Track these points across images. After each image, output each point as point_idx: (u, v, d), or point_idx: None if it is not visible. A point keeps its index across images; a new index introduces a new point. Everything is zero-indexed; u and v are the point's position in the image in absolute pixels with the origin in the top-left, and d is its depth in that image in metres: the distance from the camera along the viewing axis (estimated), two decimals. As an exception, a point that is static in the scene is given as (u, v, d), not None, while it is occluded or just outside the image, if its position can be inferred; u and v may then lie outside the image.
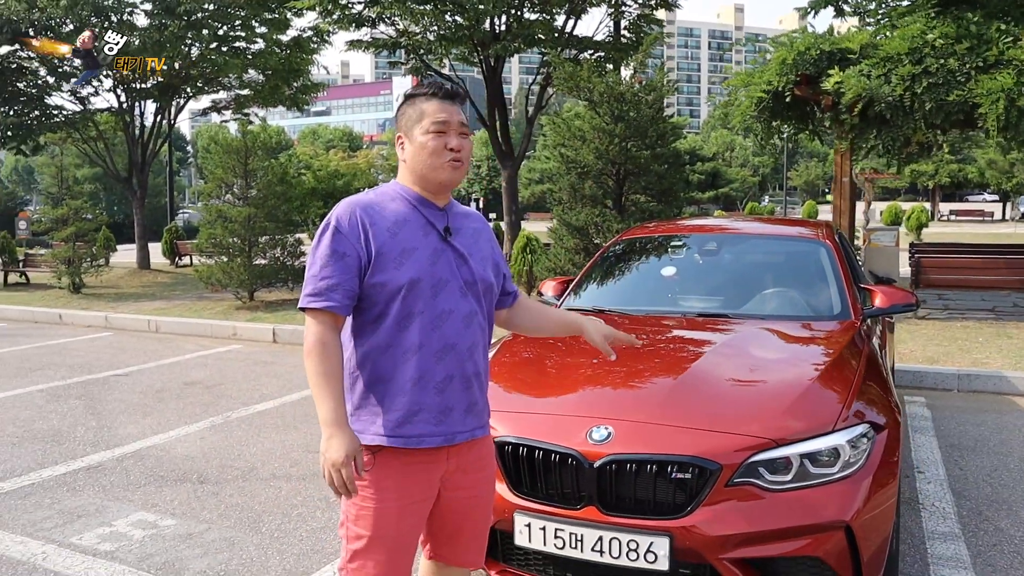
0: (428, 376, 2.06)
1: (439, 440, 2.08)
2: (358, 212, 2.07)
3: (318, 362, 2.02)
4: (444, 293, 2.08)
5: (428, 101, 2.13)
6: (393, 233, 2.06)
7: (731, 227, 5.14)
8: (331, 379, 2.02)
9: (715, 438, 2.72)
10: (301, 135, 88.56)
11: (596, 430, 2.80)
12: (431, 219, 2.13)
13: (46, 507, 4.52)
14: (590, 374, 3.25)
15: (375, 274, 2.04)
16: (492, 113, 15.27)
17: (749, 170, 60.71)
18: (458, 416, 2.11)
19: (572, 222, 9.80)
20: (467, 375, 2.11)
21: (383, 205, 2.11)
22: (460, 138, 2.12)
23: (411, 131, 2.13)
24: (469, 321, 2.12)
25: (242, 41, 18.87)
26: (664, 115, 10.04)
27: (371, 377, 2.08)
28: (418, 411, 2.06)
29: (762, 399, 2.99)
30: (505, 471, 2.92)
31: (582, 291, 4.63)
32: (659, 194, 10.15)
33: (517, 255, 12.33)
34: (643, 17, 14.90)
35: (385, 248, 2.04)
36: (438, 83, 2.16)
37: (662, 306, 4.25)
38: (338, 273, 2.03)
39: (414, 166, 2.12)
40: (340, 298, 2.03)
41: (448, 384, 2.08)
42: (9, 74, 16.83)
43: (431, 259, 2.08)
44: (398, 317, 2.05)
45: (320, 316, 2.04)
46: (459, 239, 2.16)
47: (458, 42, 14.18)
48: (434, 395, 2.07)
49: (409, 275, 2.04)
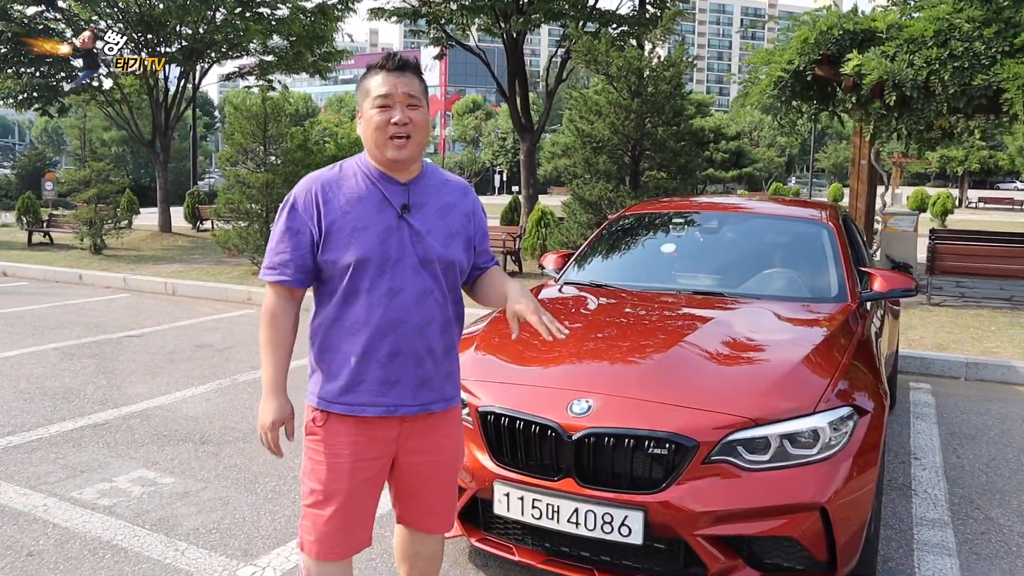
0: (372, 351, 2.10)
1: (381, 410, 2.13)
2: (315, 189, 2.12)
3: (265, 330, 2.19)
4: (395, 271, 2.09)
5: (375, 75, 2.11)
6: (345, 211, 2.09)
7: (735, 206, 5.11)
8: (276, 347, 2.17)
9: (693, 415, 2.73)
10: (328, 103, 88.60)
11: (577, 403, 2.82)
12: (388, 195, 2.12)
13: (51, 461, 4.63)
14: (578, 347, 3.27)
15: (325, 252, 2.10)
16: (512, 86, 15.18)
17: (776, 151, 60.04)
18: (405, 390, 2.13)
19: (585, 197, 9.76)
20: (417, 352, 2.13)
21: (342, 181, 2.14)
22: (409, 110, 2.08)
23: (362, 106, 2.13)
24: (423, 299, 2.12)
25: (266, 7, 18.84)
26: (682, 91, 9.94)
27: (322, 345, 2.17)
28: (360, 382, 2.12)
29: (744, 378, 2.99)
30: (487, 440, 2.95)
31: (582, 265, 4.63)
32: (676, 171, 10.07)
33: (531, 228, 12.32)
34: (669, -8, 14.73)
35: (335, 226, 2.08)
36: (389, 54, 2.12)
37: (660, 283, 4.24)
38: (291, 249, 2.12)
39: (365, 142, 2.13)
40: (292, 272, 2.12)
41: (392, 359, 2.11)
42: (36, 35, 16.92)
43: (382, 237, 2.09)
44: (345, 293, 2.11)
45: (274, 288, 2.17)
46: (418, 215, 2.14)
47: (479, 11, 14.07)
48: (376, 369, 2.11)
49: (356, 254, 2.07)
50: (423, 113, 2.12)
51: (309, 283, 2.18)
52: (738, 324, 3.52)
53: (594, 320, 3.69)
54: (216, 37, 18.56)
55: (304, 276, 2.14)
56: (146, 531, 3.69)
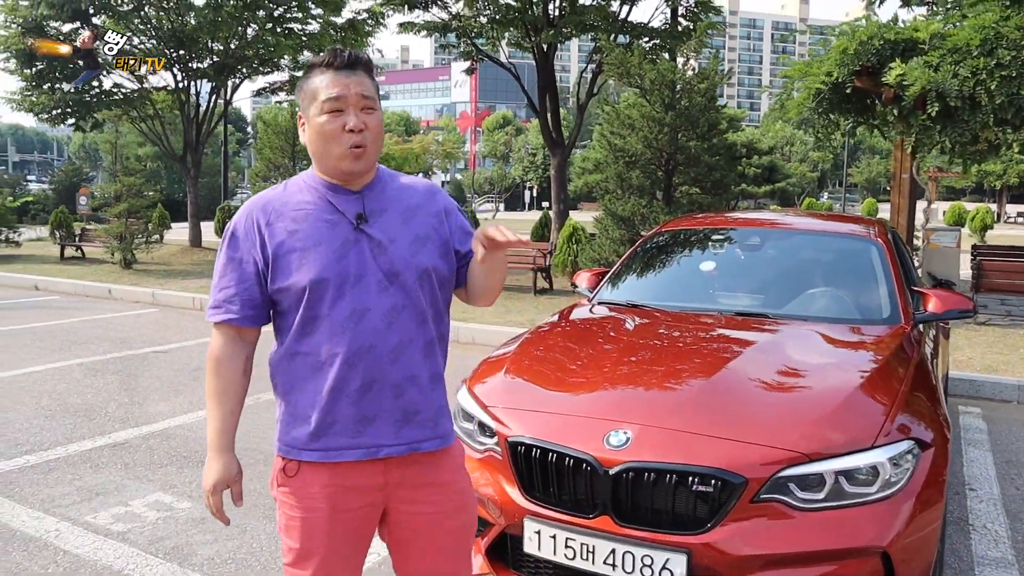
0: (340, 385, 1.81)
1: (358, 454, 1.83)
2: (254, 213, 1.87)
3: (209, 378, 1.91)
4: (357, 290, 1.81)
5: (322, 74, 1.82)
6: (292, 231, 1.83)
7: (777, 222, 4.88)
8: (220, 398, 1.90)
9: (741, 449, 2.51)
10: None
11: (614, 434, 2.61)
12: (340, 207, 1.85)
13: (67, 483, 4.51)
14: (614, 371, 3.06)
15: (275, 280, 1.83)
16: (543, 100, 15.03)
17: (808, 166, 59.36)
18: (384, 428, 1.83)
19: (618, 212, 9.56)
20: (394, 381, 1.83)
21: (287, 199, 1.88)
22: (363, 114, 1.81)
23: (307, 111, 1.84)
24: (393, 317, 1.83)
25: (297, 23, 18.95)
26: (717, 104, 9.72)
27: (284, 385, 1.89)
28: (332, 423, 1.83)
29: (796, 408, 2.76)
30: (517, 473, 2.76)
31: (616, 284, 4.43)
32: (710, 186, 9.84)
33: (562, 245, 12.13)
34: (700, 4, 14.50)
35: (283, 250, 1.82)
36: (336, 50, 1.84)
37: (699, 303, 4.02)
38: (235, 282, 1.86)
39: (314, 151, 1.85)
40: (238, 309, 1.86)
41: (366, 392, 1.81)
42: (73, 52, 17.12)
43: (338, 254, 1.81)
44: (302, 322, 1.83)
45: (220, 328, 1.90)
46: (378, 224, 1.85)
47: (510, 25, 13.96)
48: (348, 405, 1.81)
49: (309, 276, 1.79)
50: (378, 117, 1.85)
51: (261, 320, 1.90)
52: (785, 348, 3.30)
53: (630, 342, 3.48)
54: (247, 53, 18.68)
55: (254, 312, 1.87)
56: (159, 560, 3.54)
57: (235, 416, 1.93)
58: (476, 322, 9.57)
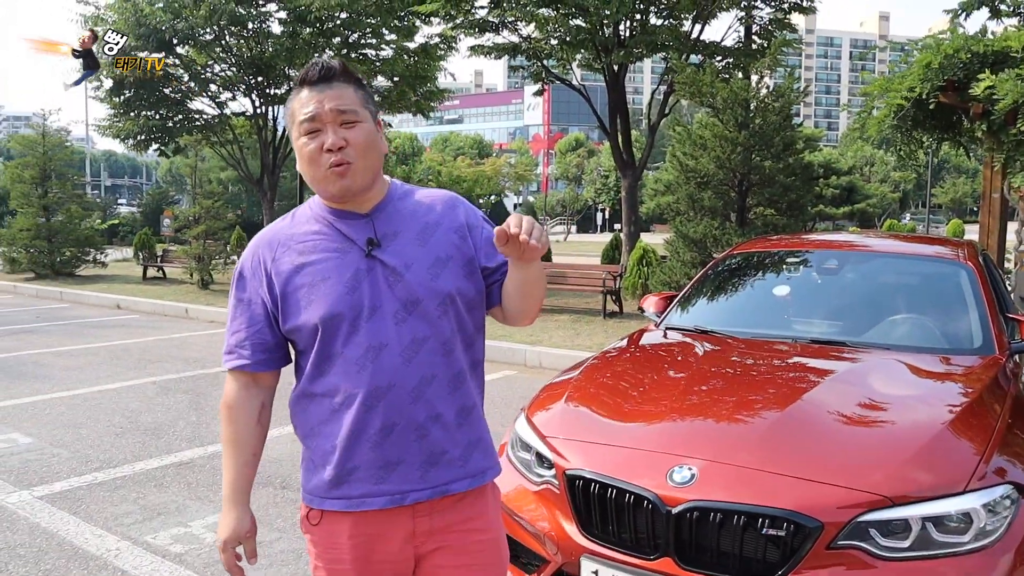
0: (359, 429, 1.67)
1: (382, 501, 1.68)
2: (260, 250, 1.75)
3: (223, 427, 1.81)
4: (372, 323, 1.66)
5: (298, 93, 1.69)
6: (299, 266, 1.70)
7: (856, 244, 4.62)
8: (232, 448, 1.79)
9: (817, 490, 2.31)
10: (433, 142, 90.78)
11: (678, 470, 2.45)
12: (349, 234, 1.70)
13: (131, 501, 4.55)
14: (680, 402, 2.90)
15: (286, 320, 1.71)
16: (613, 121, 14.90)
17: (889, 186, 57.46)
18: (411, 471, 1.68)
19: (689, 234, 9.33)
20: (417, 422, 1.67)
21: (294, 231, 1.75)
22: (343, 130, 1.65)
23: (291, 134, 1.71)
24: (414, 351, 1.66)
25: (371, 48, 19.30)
26: (792, 123, 9.42)
27: (302, 429, 1.77)
28: (353, 469, 1.69)
29: (878, 446, 2.55)
30: (575, 509, 2.61)
31: (685, 308, 4.25)
32: (785, 207, 9.52)
33: (632, 267, 11.92)
34: (775, 22, 14.19)
35: (290, 287, 1.70)
36: (310, 64, 1.69)
37: (772, 329, 3.81)
38: (245, 325, 1.76)
39: (304, 177, 1.72)
40: (250, 354, 1.75)
41: (387, 435, 1.66)
42: (156, 80, 17.81)
43: (349, 285, 1.66)
44: (317, 361, 1.70)
45: (233, 375, 1.80)
46: (391, 248, 1.69)
47: (580, 46, 13.91)
48: (368, 450, 1.67)
49: (320, 313, 1.66)
50: (363, 130, 1.67)
51: (277, 364, 1.79)
52: (865, 379, 3.07)
53: (699, 371, 3.30)
54: (323, 78, 19.04)
55: (267, 356, 1.76)
56: (214, 585, 3.50)
57: (250, 468, 1.80)
58: (543, 345, 9.45)
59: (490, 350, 9.47)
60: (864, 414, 2.76)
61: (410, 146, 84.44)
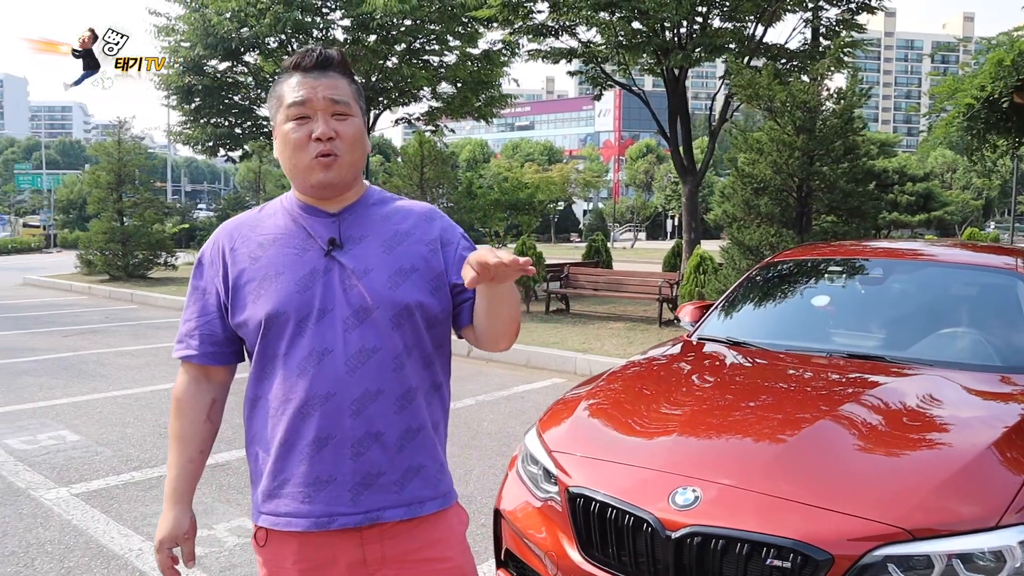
0: (294, 437, 1.57)
1: (307, 523, 1.57)
2: (220, 239, 1.68)
3: (171, 421, 1.73)
4: (319, 326, 1.57)
5: (289, 77, 1.61)
6: (255, 258, 1.62)
7: (908, 252, 4.35)
8: (177, 443, 1.71)
9: (829, 519, 2.13)
10: (503, 149, 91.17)
11: (681, 492, 2.30)
12: (313, 231, 1.62)
13: (162, 502, 4.57)
14: (694, 418, 2.73)
15: (234, 313, 1.63)
16: (673, 126, 14.62)
17: (971, 193, 55.09)
18: (341, 492, 1.56)
19: (745, 241, 9.04)
20: (354, 437, 1.56)
21: (257, 223, 1.68)
22: (334, 121, 1.58)
23: (275, 119, 1.63)
24: (360, 362, 1.56)
25: (434, 55, 19.42)
26: (855, 127, 9.05)
27: (247, 435, 1.69)
28: (284, 482, 1.58)
29: (905, 472, 2.34)
30: (575, 527, 2.48)
31: (721, 317, 4.07)
32: (847, 214, 9.15)
33: (689, 275, 11.64)
34: (843, 23, 13.71)
35: (243, 279, 1.62)
36: (306, 50, 1.62)
37: (808, 342, 3.60)
38: (197, 314, 1.69)
39: (283, 164, 1.63)
40: (198, 345, 1.67)
41: (320, 448, 1.55)
42: (226, 88, 18.29)
43: (301, 284, 1.58)
44: (261, 363, 1.62)
45: (184, 366, 1.72)
46: (353, 252, 1.61)
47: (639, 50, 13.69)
48: (300, 463, 1.56)
49: (266, 308, 1.58)
50: (354, 124, 1.61)
51: (228, 359, 1.71)
52: (901, 398, 2.85)
53: (721, 384, 3.12)
54: (386, 85, 19.29)
55: (215, 350, 1.67)
56: (226, 591, 3.48)
57: (195, 465, 1.72)
58: (594, 353, 9.29)
59: (538, 357, 9.35)
60: (893, 436, 2.55)
61: (480, 152, 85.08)
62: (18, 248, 42.45)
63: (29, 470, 5.16)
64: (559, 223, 62.58)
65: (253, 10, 15.91)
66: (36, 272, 23.08)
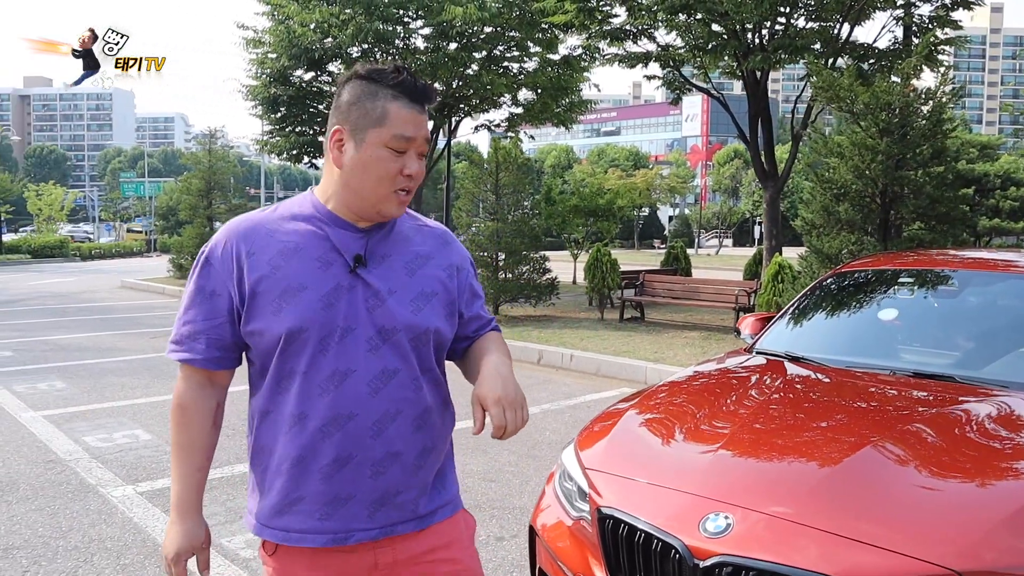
0: (311, 456, 1.56)
1: (324, 539, 1.58)
2: (234, 240, 1.61)
3: (174, 430, 1.67)
4: (343, 346, 1.55)
5: (395, 100, 1.55)
6: (276, 266, 1.57)
7: (987, 262, 4.05)
8: (184, 453, 1.65)
9: (873, 556, 1.96)
10: (589, 155, 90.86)
11: (712, 518, 2.16)
12: (339, 244, 1.59)
13: (220, 503, 4.67)
14: (737, 437, 2.58)
15: (249, 321, 1.58)
16: (754, 130, 14.20)
17: (1086, 197, 51.74)
18: (359, 509, 1.58)
19: (824, 250, 8.68)
20: (374, 458, 1.57)
21: (276, 227, 1.62)
22: (419, 160, 1.59)
23: (362, 133, 1.55)
24: (382, 383, 1.57)
25: (514, 62, 19.45)
26: (945, 129, 8.57)
27: (254, 446, 1.65)
28: (298, 499, 1.58)
29: (961, 507, 2.14)
30: (604, 549, 2.37)
31: (782, 330, 3.87)
32: (935, 221, 8.69)
33: (767, 284, 11.27)
34: (937, 19, 13.04)
35: (263, 286, 1.57)
36: (405, 71, 1.57)
37: (871, 358, 3.37)
38: (203, 316, 1.61)
39: (351, 180, 1.58)
40: (203, 349, 1.61)
41: (340, 468, 1.56)
42: (310, 97, 18.74)
43: (326, 300, 1.55)
44: (276, 377, 1.58)
45: (186, 371, 1.66)
46: (378, 271, 1.60)
47: (717, 53, 13.36)
48: (318, 481, 1.57)
49: (288, 324, 1.54)
50: (424, 164, 1.65)
51: (231, 363, 1.66)
52: (970, 422, 2.63)
53: (768, 403, 2.95)
54: (467, 92, 19.43)
55: (222, 354, 1.63)
56: (269, 596, 3.49)
57: (203, 472, 1.69)
58: (666, 363, 9.09)
59: (609, 366, 9.20)
60: (956, 466, 2.34)
61: (565, 158, 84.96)
62: (121, 252, 44.66)
63: (101, 467, 5.34)
64: (643, 229, 61.81)
65: (336, 20, 16.26)
66: (134, 275, 24.15)
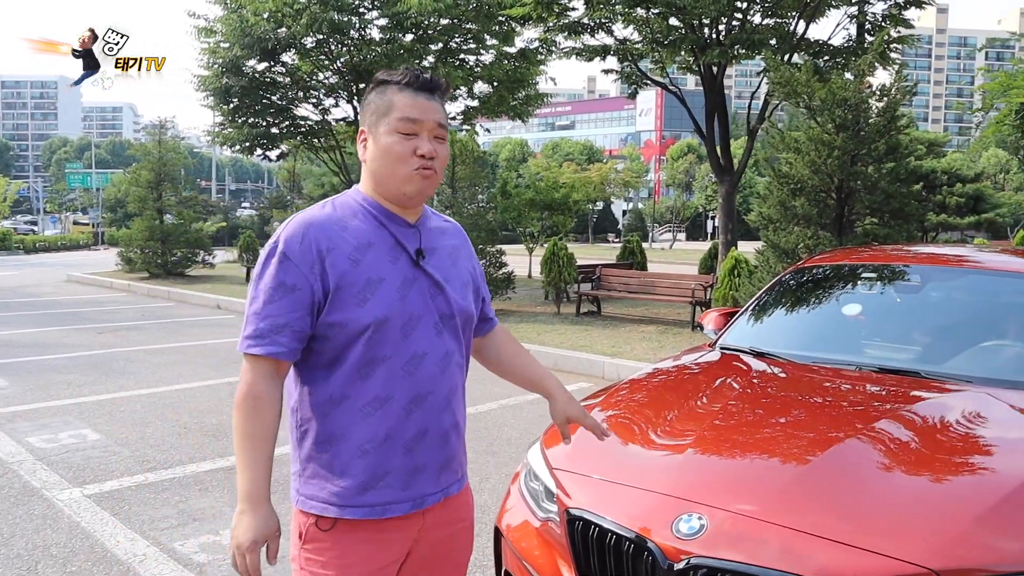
0: (396, 434, 1.70)
1: (407, 507, 1.74)
2: (312, 233, 1.68)
3: (245, 420, 1.68)
4: (417, 332, 1.71)
5: (400, 92, 1.72)
6: (355, 260, 1.68)
7: (947, 257, 4.09)
8: (257, 442, 1.68)
9: (846, 555, 1.93)
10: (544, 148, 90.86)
11: (685, 519, 2.12)
12: (401, 240, 1.74)
13: (172, 505, 4.52)
14: (704, 435, 2.54)
15: (332, 312, 1.67)
16: (710, 124, 14.30)
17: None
18: (430, 476, 1.77)
19: (780, 244, 8.76)
20: (444, 428, 1.78)
21: (344, 223, 1.72)
22: (435, 143, 1.72)
23: (376, 127, 1.73)
24: (446, 363, 1.77)
25: (471, 54, 19.31)
26: (898, 125, 8.70)
27: (322, 434, 1.71)
28: (383, 475, 1.70)
29: (937, 503, 2.12)
30: (573, 551, 2.31)
31: (745, 326, 3.86)
32: (888, 216, 8.82)
33: (723, 278, 11.35)
34: (890, 18, 13.25)
35: (346, 280, 1.66)
36: (415, 71, 1.74)
37: (836, 353, 3.37)
38: (286, 311, 1.65)
39: (376, 170, 1.73)
40: (287, 342, 1.66)
41: (420, 441, 1.74)
42: (263, 88, 18.36)
43: (401, 291, 1.71)
44: (359, 364, 1.68)
45: (259, 363, 1.68)
46: (434, 262, 1.78)
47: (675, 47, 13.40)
48: (403, 456, 1.72)
49: (375, 313, 1.66)
50: (447, 150, 1.78)
51: (299, 355, 1.71)
52: (936, 417, 2.63)
53: (739, 398, 2.92)
54: (421, 84, 19.18)
55: (300, 345, 1.69)
56: (224, 602, 3.38)
57: (271, 461, 1.71)
58: (623, 358, 9.10)
59: (566, 360, 9.18)
60: (927, 462, 2.33)
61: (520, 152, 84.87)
62: (67, 245, 43.45)
63: (46, 469, 5.14)
64: (597, 223, 62.08)
65: (290, 10, 15.95)
66: (80, 269, 23.50)
